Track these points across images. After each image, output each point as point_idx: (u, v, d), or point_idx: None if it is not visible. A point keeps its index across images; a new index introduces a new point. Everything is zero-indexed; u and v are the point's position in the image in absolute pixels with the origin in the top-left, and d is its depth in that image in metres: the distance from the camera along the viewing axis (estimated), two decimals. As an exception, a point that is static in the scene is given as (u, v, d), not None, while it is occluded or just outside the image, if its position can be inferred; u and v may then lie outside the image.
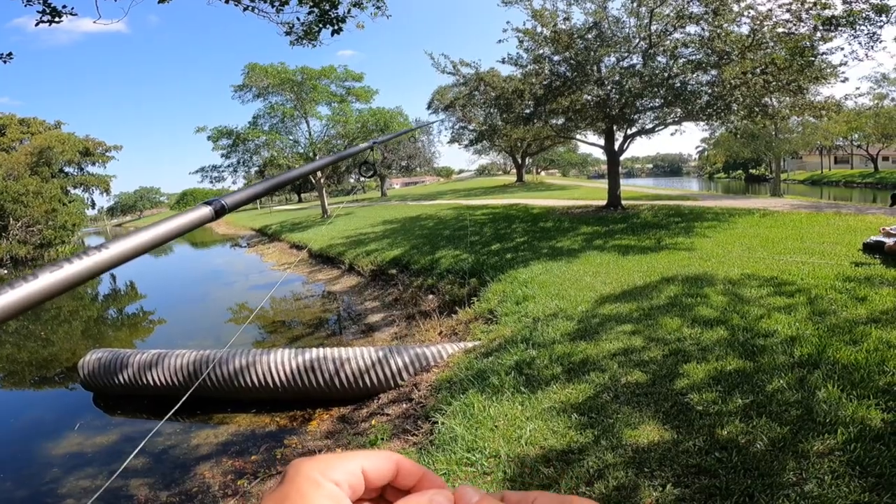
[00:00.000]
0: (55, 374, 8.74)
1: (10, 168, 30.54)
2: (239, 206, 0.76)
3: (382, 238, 14.36)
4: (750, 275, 5.89)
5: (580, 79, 11.24)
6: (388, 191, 49.44)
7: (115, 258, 0.50)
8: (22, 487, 4.76)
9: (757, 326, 4.23)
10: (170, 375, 5.88)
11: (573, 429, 3.12)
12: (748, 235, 8.61)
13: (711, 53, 10.17)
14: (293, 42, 5.94)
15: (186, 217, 0.62)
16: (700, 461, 2.64)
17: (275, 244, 21.68)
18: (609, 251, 8.31)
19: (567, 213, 14.18)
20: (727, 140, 24.41)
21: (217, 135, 24.19)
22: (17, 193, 29.01)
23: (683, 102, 10.65)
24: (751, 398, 3.15)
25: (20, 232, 29.45)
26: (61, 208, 32.12)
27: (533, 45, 12.13)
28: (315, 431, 5.06)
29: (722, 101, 10.22)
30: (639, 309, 5.08)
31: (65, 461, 5.11)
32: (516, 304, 5.99)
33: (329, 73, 24.24)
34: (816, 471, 2.43)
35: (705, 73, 10.87)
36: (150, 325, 11.97)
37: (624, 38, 11.40)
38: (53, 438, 5.65)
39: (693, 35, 10.75)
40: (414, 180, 69.96)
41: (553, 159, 54.00)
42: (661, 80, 10.58)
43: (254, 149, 24.65)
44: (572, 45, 11.13)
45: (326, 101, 25.06)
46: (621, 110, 11.45)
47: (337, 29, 5.55)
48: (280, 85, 23.17)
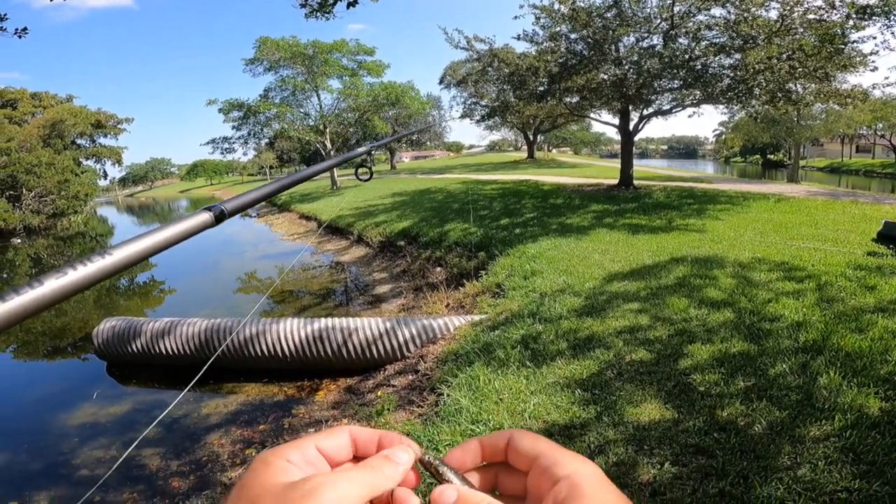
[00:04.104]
0: (68, 344, 8.78)
1: (22, 140, 30.75)
2: (239, 211, 0.77)
3: (391, 210, 14.36)
4: (760, 259, 5.85)
5: (597, 58, 10.99)
6: (398, 164, 49.16)
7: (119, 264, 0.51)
8: (37, 458, 4.76)
9: (764, 310, 4.23)
10: (182, 344, 5.89)
11: (576, 404, 3.17)
12: (762, 220, 8.50)
13: (736, 37, 9.85)
14: (308, 15, 5.83)
15: (188, 223, 0.63)
16: (699, 441, 2.67)
17: (284, 214, 21.78)
18: (619, 230, 8.26)
19: (578, 191, 14.06)
20: (746, 124, 23.84)
21: (228, 107, 24.12)
22: (29, 164, 29.27)
23: (703, 85, 10.41)
24: (753, 381, 3.17)
25: (33, 202, 29.82)
26: (74, 179, 32.43)
27: (550, 22, 11.82)
28: (322, 402, 5.11)
29: (744, 85, 9.96)
30: (646, 288, 5.08)
31: (79, 431, 5.12)
32: (524, 279, 6.01)
33: (341, 46, 23.91)
34: (811, 455, 2.45)
35: (728, 57, 10.55)
36: (161, 295, 12.09)
37: (644, 17, 11.05)
38: (67, 409, 5.67)
39: (718, 18, 10.39)
40: (424, 154, 69.46)
41: (565, 137, 53.19)
42: (681, 62, 10.29)
43: (264, 121, 24.58)
44: (590, 24, 10.83)
45: (338, 75, 24.79)
46: (638, 90, 11.20)
47: (352, 1, 5.44)
48: (292, 58, 22.94)
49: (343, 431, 0.36)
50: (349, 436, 0.36)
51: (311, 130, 25.06)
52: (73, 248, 24.06)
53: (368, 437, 0.36)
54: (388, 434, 0.37)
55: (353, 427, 0.37)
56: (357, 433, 0.36)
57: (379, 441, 0.36)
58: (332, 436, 0.35)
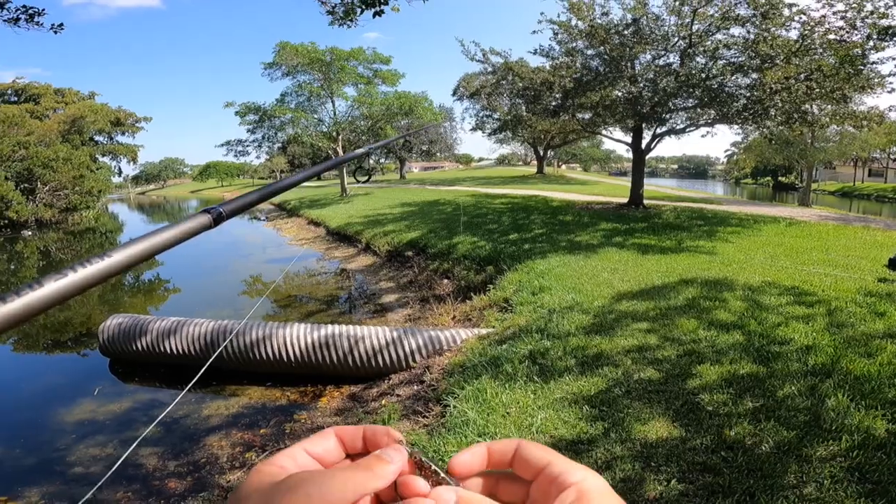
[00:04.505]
0: (71, 339, 8.67)
1: (42, 135, 31.34)
2: (236, 213, 0.75)
3: (400, 220, 14.43)
4: (771, 283, 5.88)
5: (613, 74, 11.05)
6: (407, 173, 49.44)
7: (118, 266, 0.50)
8: (32, 454, 4.69)
9: (773, 333, 4.26)
10: (187, 344, 5.82)
11: (584, 420, 3.18)
12: (772, 244, 8.48)
13: (755, 56, 9.89)
14: (332, 22, 5.95)
15: (186, 225, 0.63)
16: (706, 459, 2.71)
17: (293, 219, 21.93)
18: (628, 249, 8.26)
19: (587, 208, 14.07)
20: (760, 145, 23.79)
21: (245, 110, 24.43)
22: (46, 159, 29.77)
23: (719, 105, 10.42)
24: (761, 402, 3.20)
25: (47, 196, 30.26)
26: (89, 175, 32.93)
27: (567, 37, 11.94)
28: (325, 408, 5.06)
29: (760, 106, 9.97)
30: (656, 308, 5.08)
31: (77, 428, 5.05)
32: (532, 295, 6.02)
33: (357, 54, 24.21)
34: (817, 474, 2.49)
35: (745, 76, 10.58)
36: (166, 294, 12.09)
37: (662, 35, 11.13)
38: (67, 404, 5.58)
39: (737, 37, 10.44)
40: (433, 165, 69.77)
41: (575, 153, 53.32)
42: (697, 81, 10.34)
43: (279, 125, 24.85)
44: (608, 41, 10.92)
45: (353, 82, 25.07)
46: (653, 108, 11.24)
47: (379, 11, 5.55)
48: (309, 64, 23.22)
49: (328, 433, 0.37)
50: (335, 436, 0.37)
51: (324, 137, 25.31)
52: (83, 243, 24.31)
53: (353, 433, 0.37)
54: (372, 427, 0.37)
55: (336, 427, 0.37)
56: (342, 432, 0.37)
57: (363, 435, 0.37)
58: (319, 439, 0.36)
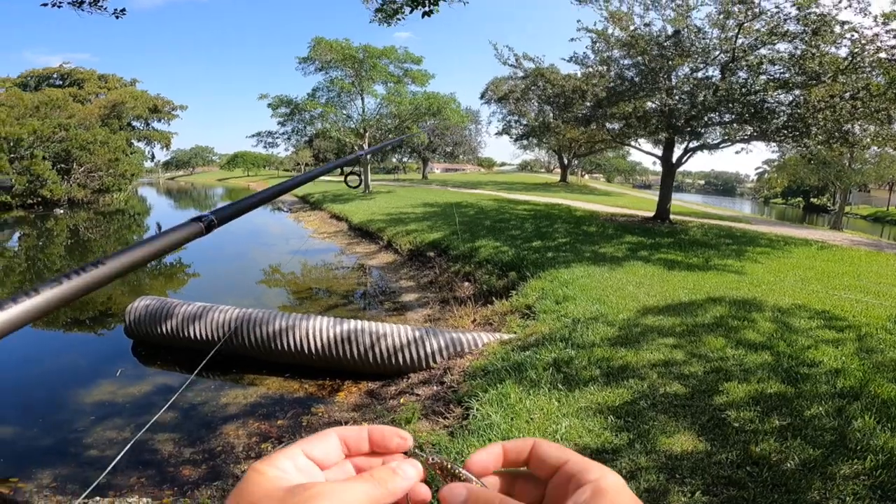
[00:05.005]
0: (94, 318, 8.67)
1: (82, 118, 32.44)
2: (228, 220, 0.76)
3: (422, 220, 14.50)
4: (801, 305, 5.82)
5: (648, 85, 10.93)
6: (429, 174, 49.63)
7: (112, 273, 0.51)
8: (49, 434, 4.64)
9: (803, 355, 4.26)
10: (211, 330, 5.81)
11: (608, 430, 3.18)
12: (803, 266, 8.31)
13: (801, 73, 9.68)
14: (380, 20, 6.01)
15: (179, 233, 0.64)
16: (731, 473, 2.74)
17: (316, 213, 22.19)
18: (654, 263, 8.17)
19: (611, 220, 13.93)
20: (795, 164, 23.25)
21: (277, 103, 24.89)
22: (85, 141, 30.83)
23: (759, 121, 10.21)
24: (788, 420, 3.24)
25: (82, 176, 31.30)
26: (123, 158, 33.96)
27: (604, 46, 11.85)
28: (343, 402, 5.04)
29: (802, 123, 9.75)
30: (682, 324, 5.04)
31: (95, 409, 5.00)
32: (556, 304, 6.00)
33: (390, 53, 24.45)
34: (840, 491, 2.55)
35: (788, 93, 10.36)
36: (185, 278, 12.19)
37: (703, 48, 10.96)
38: (87, 384, 5.55)
39: (783, 52, 10.24)
40: (455, 167, 69.83)
41: (599, 163, 52.83)
42: (738, 96, 10.15)
43: (309, 119, 25.23)
44: (647, 52, 10.81)
45: (383, 81, 25.31)
46: (687, 122, 11.08)
47: (428, 11, 5.60)
48: (342, 61, 23.53)
49: (329, 435, 0.36)
50: (337, 438, 0.36)
51: (351, 133, 25.62)
52: (111, 224, 25.03)
53: (357, 434, 0.36)
54: (379, 428, 0.36)
55: (338, 428, 0.36)
56: (344, 433, 0.36)
57: (369, 436, 0.36)
58: (319, 441, 0.35)
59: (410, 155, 50.64)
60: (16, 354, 6.86)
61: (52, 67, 43.84)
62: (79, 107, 33.99)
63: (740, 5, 10.04)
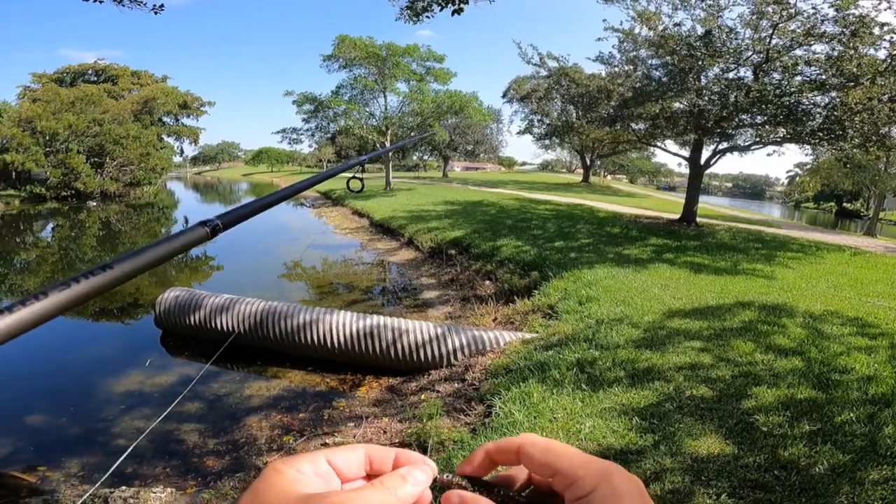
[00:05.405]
0: (123, 308, 8.84)
1: (116, 114, 33.42)
2: (233, 224, 0.76)
3: (443, 217, 14.52)
4: (833, 312, 5.70)
5: (676, 86, 10.72)
6: (450, 172, 49.64)
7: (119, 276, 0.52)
8: (77, 423, 4.73)
9: (834, 362, 4.22)
10: (238, 322, 5.87)
11: (633, 431, 3.17)
12: (836, 273, 8.07)
13: (838, 75, 9.41)
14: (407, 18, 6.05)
15: (184, 238, 0.64)
16: (758, 477, 2.73)
17: (338, 208, 22.45)
18: (680, 266, 8.04)
19: (635, 222, 13.74)
20: (829, 168, 22.53)
21: (302, 100, 25.20)
22: (118, 136, 31.76)
23: (794, 123, 9.94)
24: (818, 426, 3.22)
25: (114, 170, 32.28)
26: (154, 153, 34.89)
27: (631, 46, 11.68)
28: (364, 397, 5.06)
29: (838, 126, 9.47)
30: (710, 328, 4.97)
31: (123, 399, 5.09)
32: (579, 304, 5.96)
33: (412, 51, 24.51)
34: (869, 496, 2.54)
35: (824, 95, 10.07)
36: (210, 270, 12.46)
37: (734, 49, 10.71)
38: (116, 374, 5.64)
39: (819, 53, 9.95)
40: (475, 165, 69.66)
41: (623, 164, 52.01)
42: (772, 97, 9.90)
43: (332, 116, 25.49)
44: (676, 51, 10.61)
45: (406, 79, 25.39)
46: (717, 123, 10.84)
47: (458, 9, 5.63)
48: (366, 58, 23.68)
49: (358, 448, 0.35)
50: (364, 453, 0.35)
51: (373, 130, 25.79)
52: (141, 216, 25.76)
53: (384, 454, 0.35)
54: (407, 453, 0.36)
55: (368, 445, 0.36)
56: (372, 451, 0.35)
57: (395, 459, 0.35)
58: (345, 451, 0.35)
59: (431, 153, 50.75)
60: (49, 344, 7.08)
61: (87, 64, 45.10)
62: (112, 102, 35.01)
63: (775, 6, 9.77)
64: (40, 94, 32.46)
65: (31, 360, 6.48)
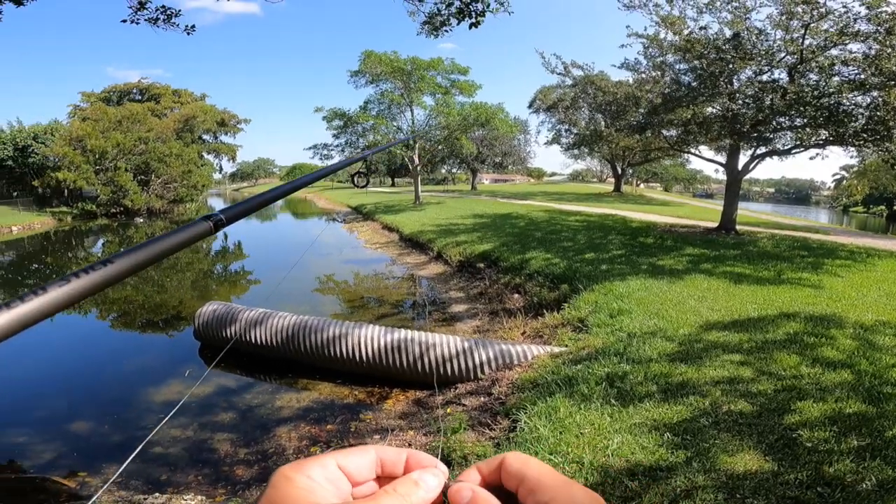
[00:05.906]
0: (165, 320, 9.23)
1: (160, 132, 35.03)
2: (236, 219, 0.76)
3: (472, 231, 14.51)
4: (886, 322, 5.36)
5: (707, 90, 10.43)
6: (478, 185, 49.68)
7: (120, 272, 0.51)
8: (118, 431, 4.93)
9: (886, 374, 3.97)
10: (270, 336, 6.03)
11: (664, 447, 3.03)
12: (888, 280, 7.57)
13: (878, 73, 8.98)
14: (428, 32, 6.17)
15: (187, 232, 0.63)
16: (799, 494, 2.60)
17: (368, 223, 22.77)
18: (718, 277, 7.72)
19: (670, 231, 13.33)
20: (876, 170, 21.35)
21: (332, 115, 25.86)
22: (161, 154, 33.23)
23: (835, 124, 9.51)
24: (867, 441, 3.05)
25: (159, 187, 33.81)
26: (196, 170, 36.35)
27: (657, 51, 11.48)
28: (390, 410, 5.07)
29: (882, 126, 8.99)
30: (750, 340, 4.73)
31: (164, 409, 5.19)
32: (610, 317, 5.80)
33: (437, 64, 24.83)
34: None
35: (866, 95, 9.61)
36: (247, 284, 12.84)
37: (766, 50, 10.37)
38: (157, 384, 5.87)
39: (856, 52, 9.53)
40: (504, 177, 69.48)
41: (656, 172, 50.78)
42: (810, 99, 9.52)
43: (361, 132, 26.01)
44: (705, 55, 10.36)
45: (431, 92, 25.71)
46: (754, 127, 10.46)
47: (475, 22, 5.70)
48: (392, 73, 24.13)
49: (369, 451, 0.35)
50: (375, 455, 0.35)
51: (401, 144, 26.16)
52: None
53: (395, 456, 0.35)
54: (417, 455, 0.35)
55: (379, 447, 0.36)
56: (383, 453, 0.35)
57: (407, 461, 0.35)
58: (356, 454, 0.35)
59: (459, 166, 50.97)
60: (97, 355, 7.45)
61: (131, 83, 47.19)
62: (156, 121, 36.56)
63: (804, 6, 9.43)
64: (89, 113, 34.14)
65: (80, 370, 6.89)
